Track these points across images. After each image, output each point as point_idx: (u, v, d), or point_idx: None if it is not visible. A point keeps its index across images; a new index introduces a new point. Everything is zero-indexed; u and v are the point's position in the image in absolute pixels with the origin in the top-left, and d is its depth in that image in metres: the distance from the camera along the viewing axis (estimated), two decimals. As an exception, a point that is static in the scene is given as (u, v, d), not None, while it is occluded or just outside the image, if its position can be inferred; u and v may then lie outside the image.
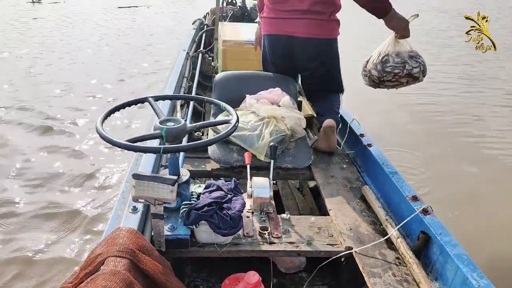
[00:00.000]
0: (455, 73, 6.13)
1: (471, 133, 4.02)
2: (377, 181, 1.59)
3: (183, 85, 2.58)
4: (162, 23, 10.97)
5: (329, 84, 2.03)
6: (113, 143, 1.03)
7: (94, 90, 4.87)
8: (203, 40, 3.72)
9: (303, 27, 1.85)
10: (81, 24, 10.43)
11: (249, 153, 1.56)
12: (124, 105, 1.24)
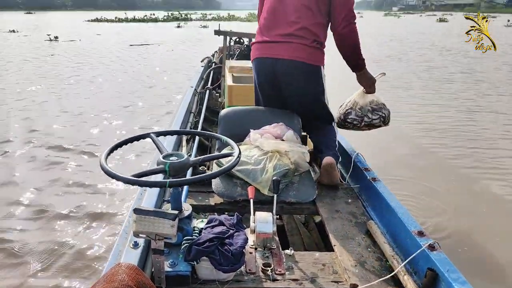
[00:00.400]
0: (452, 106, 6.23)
1: (469, 164, 4.01)
2: (383, 216, 1.57)
3: (190, 120, 2.64)
4: (171, 60, 11.47)
5: (319, 113, 2.04)
6: (119, 179, 1.04)
7: (102, 123, 5.01)
8: (211, 77, 3.85)
9: (287, 50, 1.87)
10: (94, 61, 10.98)
11: (252, 187, 1.56)
12: (127, 141, 1.27)
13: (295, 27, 1.86)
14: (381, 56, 12.22)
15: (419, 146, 4.52)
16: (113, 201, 3.05)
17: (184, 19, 43.82)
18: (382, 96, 2.08)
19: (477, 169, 3.88)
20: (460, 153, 4.28)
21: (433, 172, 3.79)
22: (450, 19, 46.81)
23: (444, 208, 3.08)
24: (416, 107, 6.11)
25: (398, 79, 8.36)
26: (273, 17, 1.92)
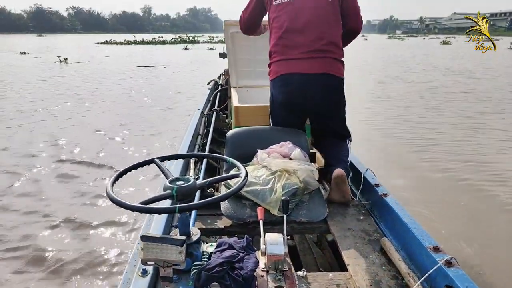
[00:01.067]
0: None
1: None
2: (396, 232, 1.53)
3: (198, 142, 2.64)
4: (177, 81, 11.65)
5: (338, 127, 2.06)
6: (127, 207, 1.03)
7: (108, 148, 5.00)
8: (217, 99, 3.88)
9: (318, 64, 1.92)
10: (102, 82, 11.22)
11: (262, 208, 1.54)
12: (131, 168, 1.26)
13: (322, 43, 1.92)
14: (383, 77, 12.43)
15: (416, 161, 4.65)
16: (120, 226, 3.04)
17: (192, 42, 44.68)
18: (385, 113, 2.11)
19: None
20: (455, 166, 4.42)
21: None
22: (453, 41, 47.35)
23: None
24: (415, 124, 6.40)
25: (401, 99, 8.58)
26: (293, 35, 1.93)
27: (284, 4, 1.98)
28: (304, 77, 1.91)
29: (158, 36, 54.60)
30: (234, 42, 3.11)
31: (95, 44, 39.81)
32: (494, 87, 10.46)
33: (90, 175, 3.99)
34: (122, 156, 4.64)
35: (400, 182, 3.91)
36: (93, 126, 6.08)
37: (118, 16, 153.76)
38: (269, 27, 2.09)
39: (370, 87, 10.41)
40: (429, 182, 4.00)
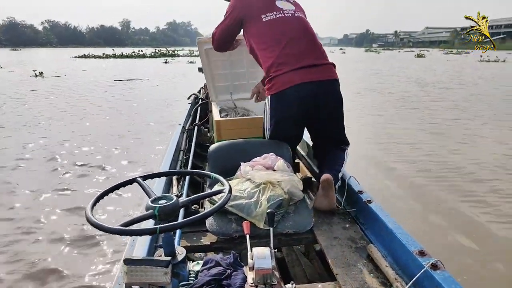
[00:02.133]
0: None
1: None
2: (382, 238, 1.54)
3: (180, 158, 2.60)
4: (155, 95, 11.53)
5: (340, 134, 2.11)
6: (106, 230, 1.00)
7: (84, 166, 4.85)
8: (198, 113, 3.85)
9: (325, 71, 1.99)
10: (78, 96, 11.03)
11: (248, 222, 1.51)
12: (112, 189, 1.23)
13: (319, 51, 2.02)
14: (360, 89, 12.83)
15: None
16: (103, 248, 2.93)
17: (172, 55, 44.58)
18: (359, 121, 2.17)
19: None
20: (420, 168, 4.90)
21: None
22: (427, 54, 49.07)
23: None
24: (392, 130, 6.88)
25: (375, 109, 9.05)
26: (295, 46, 1.97)
27: (276, 19, 2.03)
28: (316, 85, 1.94)
29: (138, 49, 54.24)
30: (209, 58, 3.11)
31: (72, 58, 39.15)
32: (462, 97, 11.01)
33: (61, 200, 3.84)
34: (97, 177, 4.46)
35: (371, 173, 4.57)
36: (60, 143, 5.89)
37: (96, 30, 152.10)
38: (255, 41, 2.09)
39: (348, 97, 10.66)
40: (394, 172, 4.75)
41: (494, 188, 4.20)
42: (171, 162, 2.38)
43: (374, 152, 5.62)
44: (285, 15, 2.05)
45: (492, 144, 6.05)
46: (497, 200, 3.90)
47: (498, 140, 6.22)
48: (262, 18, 2.04)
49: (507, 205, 3.78)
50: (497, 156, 5.36)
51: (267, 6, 2.06)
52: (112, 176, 4.48)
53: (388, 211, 1.62)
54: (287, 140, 2.07)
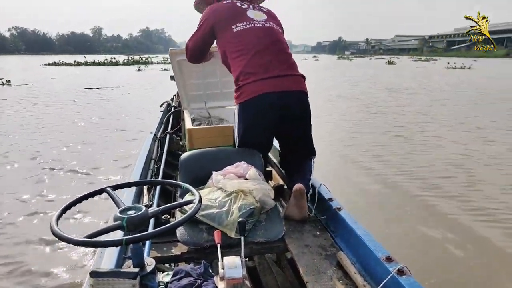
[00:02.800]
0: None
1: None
2: (351, 245, 1.57)
3: (151, 167, 2.57)
4: (127, 103, 11.34)
5: (308, 145, 2.13)
6: (70, 242, 0.97)
7: (50, 176, 4.72)
8: (170, 121, 3.81)
9: (293, 82, 2.01)
10: (46, 105, 10.68)
11: (219, 232, 1.51)
12: (80, 199, 1.19)
13: (289, 62, 2.04)
14: (332, 96, 13.16)
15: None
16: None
17: (145, 63, 44.00)
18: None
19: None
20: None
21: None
22: (397, 61, 50.65)
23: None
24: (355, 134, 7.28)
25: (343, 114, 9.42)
26: (265, 56, 1.99)
27: (246, 30, 2.05)
28: (285, 95, 1.95)
29: (111, 57, 53.23)
30: (182, 69, 3.10)
31: (42, 65, 37.95)
32: (427, 102, 11.54)
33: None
34: (61, 188, 4.33)
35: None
36: (28, 153, 5.70)
37: (66, 37, 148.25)
38: (227, 50, 2.10)
39: (318, 104, 10.96)
40: (353, 170, 5.17)
41: (444, 182, 4.58)
42: (142, 171, 2.34)
43: (339, 152, 6.03)
44: (255, 25, 2.07)
45: (448, 144, 6.44)
46: (440, 192, 4.28)
47: (454, 141, 6.65)
48: (232, 28, 2.06)
49: (455, 196, 4.14)
50: (451, 155, 5.74)
51: (238, 16, 2.09)
52: (81, 186, 4.36)
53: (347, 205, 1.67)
54: (255, 147, 2.08)
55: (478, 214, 3.72)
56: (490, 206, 3.88)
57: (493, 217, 3.66)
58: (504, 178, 4.71)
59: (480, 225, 3.48)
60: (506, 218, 3.61)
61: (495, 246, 3.15)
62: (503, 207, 3.84)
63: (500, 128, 7.67)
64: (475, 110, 10.03)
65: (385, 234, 3.28)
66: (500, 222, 3.55)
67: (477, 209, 3.82)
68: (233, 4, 2.15)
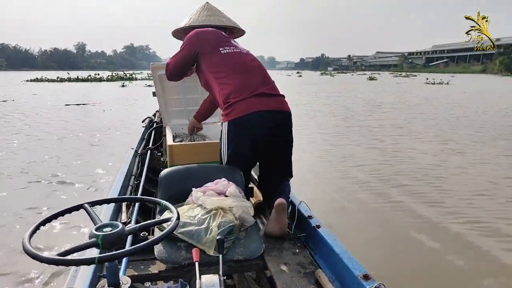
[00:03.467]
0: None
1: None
2: (329, 263, 1.58)
3: (131, 183, 2.54)
4: (109, 120, 11.13)
5: (287, 165, 2.19)
6: (41, 260, 0.95)
7: (27, 191, 4.60)
8: (152, 137, 3.79)
9: (280, 102, 2.08)
10: (25, 122, 10.44)
11: (197, 249, 1.50)
12: (56, 215, 1.17)
13: (271, 84, 2.12)
14: (312, 110, 13.43)
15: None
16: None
17: (129, 79, 43.75)
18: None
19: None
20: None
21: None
22: (378, 77, 51.85)
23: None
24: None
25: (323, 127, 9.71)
26: (250, 77, 2.07)
27: (234, 53, 2.15)
28: (275, 113, 2.02)
29: (95, 73, 52.76)
30: (163, 84, 3.11)
31: (23, 81, 37.28)
32: (406, 115, 11.89)
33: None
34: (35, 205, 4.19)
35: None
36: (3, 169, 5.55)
37: (49, 53, 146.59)
38: (214, 73, 2.14)
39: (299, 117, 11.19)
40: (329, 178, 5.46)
41: (413, 190, 4.85)
42: (121, 188, 2.31)
43: (317, 163, 6.27)
44: (241, 51, 2.21)
45: (418, 155, 6.72)
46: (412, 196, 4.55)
47: (424, 152, 6.94)
48: (220, 50, 2.14)
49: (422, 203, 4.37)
50: (420, 165, 6.03)
51: (223, 42, 2.20)
52: (58, 202, 4.26)
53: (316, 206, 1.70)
54: (244, 164, 2.11)
55: (450, 218, 3.95)
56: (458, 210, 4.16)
57: (461, 219, 3.91)
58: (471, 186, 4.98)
59: (452, 229, 3.68)
60: (474, 221, 3.87)
61: (462, 247, 3.35)
62: (467, 212, 4.11)
63: (472, 140, 8.06)
64: (451, 123, 10.46)
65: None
66: (468, 223, 3.80)
67: (452, 213, 4.06)
68: (218, 31, 2.27)
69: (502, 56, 70.43)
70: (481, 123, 10.50)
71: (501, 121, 11.03)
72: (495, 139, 8.21)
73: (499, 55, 72.14)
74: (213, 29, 2.28)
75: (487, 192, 4.73)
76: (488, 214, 4.04)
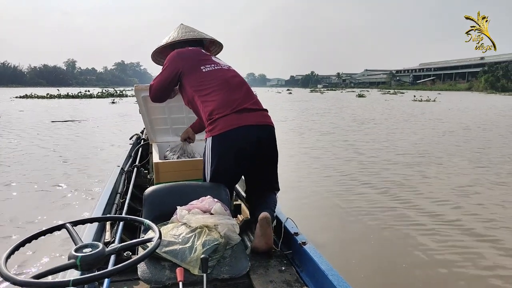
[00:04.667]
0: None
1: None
2: (315, 280, 1.57)
3: (116, 201, 2.50)
4: (96, 137, 11.01)
5: (273, 179, 2.21)
6: (14, 282, 0.92)
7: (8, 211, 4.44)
8: (139, 154, 3.76)
9: (264, 117, 2.11)
10: (7, 138, 10.30)
11: (181, 269, 1.47)
12: (37, 235, 1.14)
13: (256, 99, 2.16)
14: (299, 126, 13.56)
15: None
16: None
17: (119, 95, 43.65)
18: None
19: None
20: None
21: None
22: (367, 94, 52.65)
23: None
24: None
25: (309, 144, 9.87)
26: (233, 93, 2.09)
27: (215, 70, 2.19)
28: (258, 128, 2.04)
29: (85, 90, 52.55)
30: (147, 104, 3.11)
31: (12, 98, 36.89)
32: (390, 131, 12.14)
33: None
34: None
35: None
36: None
37: (38, 70, 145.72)
38: (197, 89, 2.16)
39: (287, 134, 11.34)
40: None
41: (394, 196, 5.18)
42: (106, 206, 2.27)
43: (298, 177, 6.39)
44: (222, 67, 2.23)
45: (399, 168, 6.92)
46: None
47: (408, 165, 7.18)
48: (202, 68, 2.18)
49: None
50: (398, 177, 6.25)
51: (204, 60, 2.24)
52: (39, 222, 4.14)
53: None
54: (228, 179, 2.10)
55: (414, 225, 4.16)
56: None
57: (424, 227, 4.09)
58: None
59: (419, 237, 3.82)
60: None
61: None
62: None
63: (453, 154, 8.28)
64: (437, 138, 10.73)
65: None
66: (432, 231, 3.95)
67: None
68: (198, 50, 2.31)
69: (486, 74, 72.27)
70: (467, 138, 10.76)
71: (482, 135, 11.44)
72: (476, 152, 8.52)
73: (484, 73, 74.03)
74: (193, 48, 2.32)
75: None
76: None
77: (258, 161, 2.11)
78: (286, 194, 4.97)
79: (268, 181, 2.20)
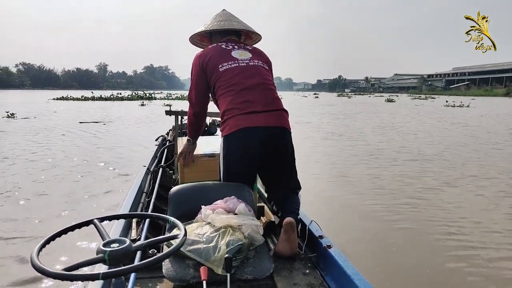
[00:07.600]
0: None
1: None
2: (341, 284, 1.54)
3: (142, 200, 2.55)
4: (124, 137, 11.25)
5: (292, 180, 2.17)
6: (46, 273, 0.94)
7: (39, 207, 4.60)
8: (164, 155, 3.83)
9: (276, 118, 2.07)
10: (45, 138, 10.75)
11: (205, 268, 1.48)
12: (66, 230, 1.17)
13: (273, 97, 2.13)
14: (329, 134, 13.21)
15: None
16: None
17: (149, 98, 44.77)
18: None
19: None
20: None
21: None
22: (396, 99, 51.41)
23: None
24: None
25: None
26: (250, 92, 2.07)
27: (231, 68, 2.15)
28: (266, 130, 2.01)
29: (117, 92, 54.27)
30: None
31: (50, 100, 38.53)
32: (421, 141, 11.33)
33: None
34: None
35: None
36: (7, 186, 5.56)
37: (71, 73, 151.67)
38: (215, 89, 2.18)
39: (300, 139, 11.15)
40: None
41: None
42: (132, 204, 2.32)
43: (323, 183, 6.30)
44: (240, 65, 2.18)
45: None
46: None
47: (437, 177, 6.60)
48: (219, 68, 2.17)
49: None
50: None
51: (223, 56, 2.20)
52: (68, 218, 4.25)
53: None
54: (238, 180, 2.10)
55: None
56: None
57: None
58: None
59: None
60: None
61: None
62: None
63: (485, 165, 7.66)
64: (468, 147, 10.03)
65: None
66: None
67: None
68: (219, 46, 2.28)
69: (527, 79, 68.99)
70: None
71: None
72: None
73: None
74: (214, 46, 2.29)
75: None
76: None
77: (268, 163, 2.10)
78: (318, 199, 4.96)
79: (283, 182, 2.17)
